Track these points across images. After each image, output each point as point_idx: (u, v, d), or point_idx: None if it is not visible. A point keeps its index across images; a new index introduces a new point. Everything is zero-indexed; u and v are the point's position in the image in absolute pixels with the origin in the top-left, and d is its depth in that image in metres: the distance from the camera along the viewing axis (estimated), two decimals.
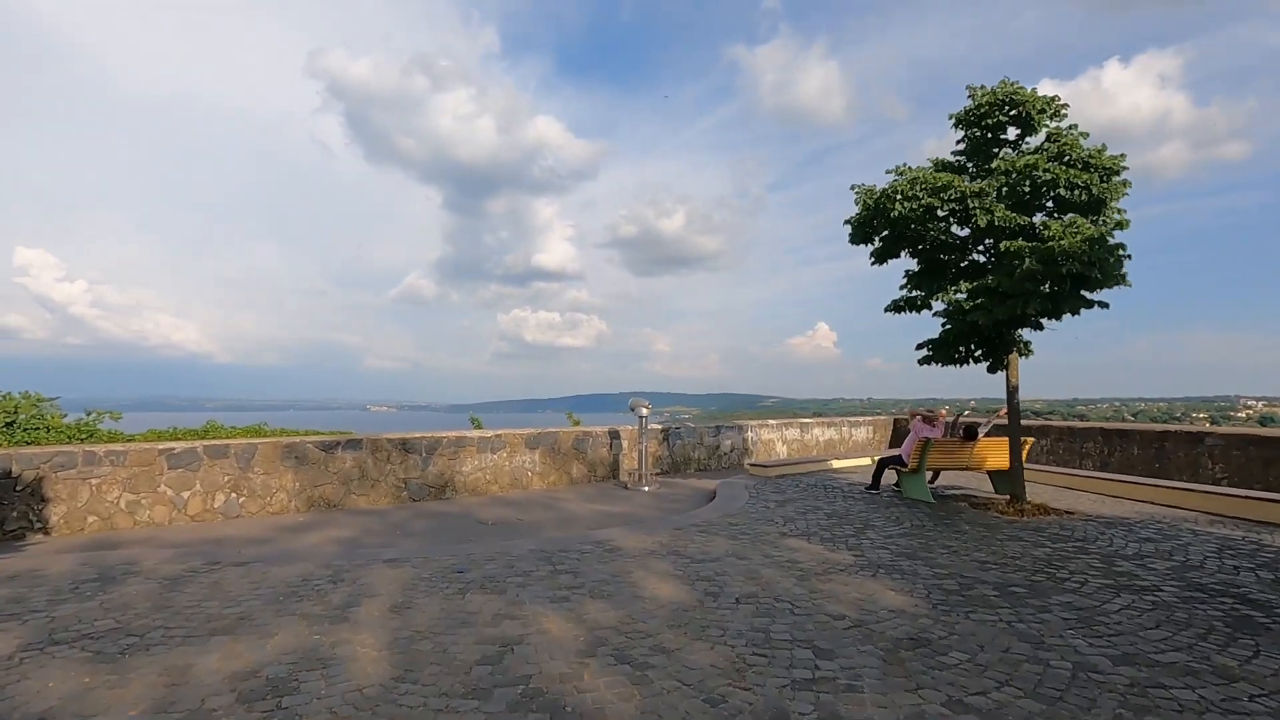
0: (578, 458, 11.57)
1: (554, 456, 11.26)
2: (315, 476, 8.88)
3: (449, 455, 10.04)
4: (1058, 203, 7.64)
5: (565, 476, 11.39)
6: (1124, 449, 11.94)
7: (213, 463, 8.22)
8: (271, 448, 8.62)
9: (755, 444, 14.57)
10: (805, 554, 6.09)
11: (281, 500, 8.64)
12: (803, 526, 7.28)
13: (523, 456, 10.88)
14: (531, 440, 10.99)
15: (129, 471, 7.74)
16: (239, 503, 8.35)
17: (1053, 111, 7.79)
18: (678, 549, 6.21)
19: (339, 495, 9.04)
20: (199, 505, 8.11)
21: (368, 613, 4.39)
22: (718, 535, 6.81)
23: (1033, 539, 6.78)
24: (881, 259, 8.75)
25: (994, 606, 4.66)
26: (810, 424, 15.88)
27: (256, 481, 8.48)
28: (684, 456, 13.26)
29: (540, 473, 11.08)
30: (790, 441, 15.32)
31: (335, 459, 9.04)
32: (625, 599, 4.73)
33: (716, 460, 13.76)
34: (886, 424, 17.87)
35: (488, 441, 10.48)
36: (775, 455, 14.93)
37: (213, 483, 8.21)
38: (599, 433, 11.93)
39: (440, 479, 9.92)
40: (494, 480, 10.51)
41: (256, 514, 8.44)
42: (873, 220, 8.34)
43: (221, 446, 8.31)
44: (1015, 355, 8.30)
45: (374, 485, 9.33)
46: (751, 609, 4.55)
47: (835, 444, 16.40)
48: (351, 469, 9.15)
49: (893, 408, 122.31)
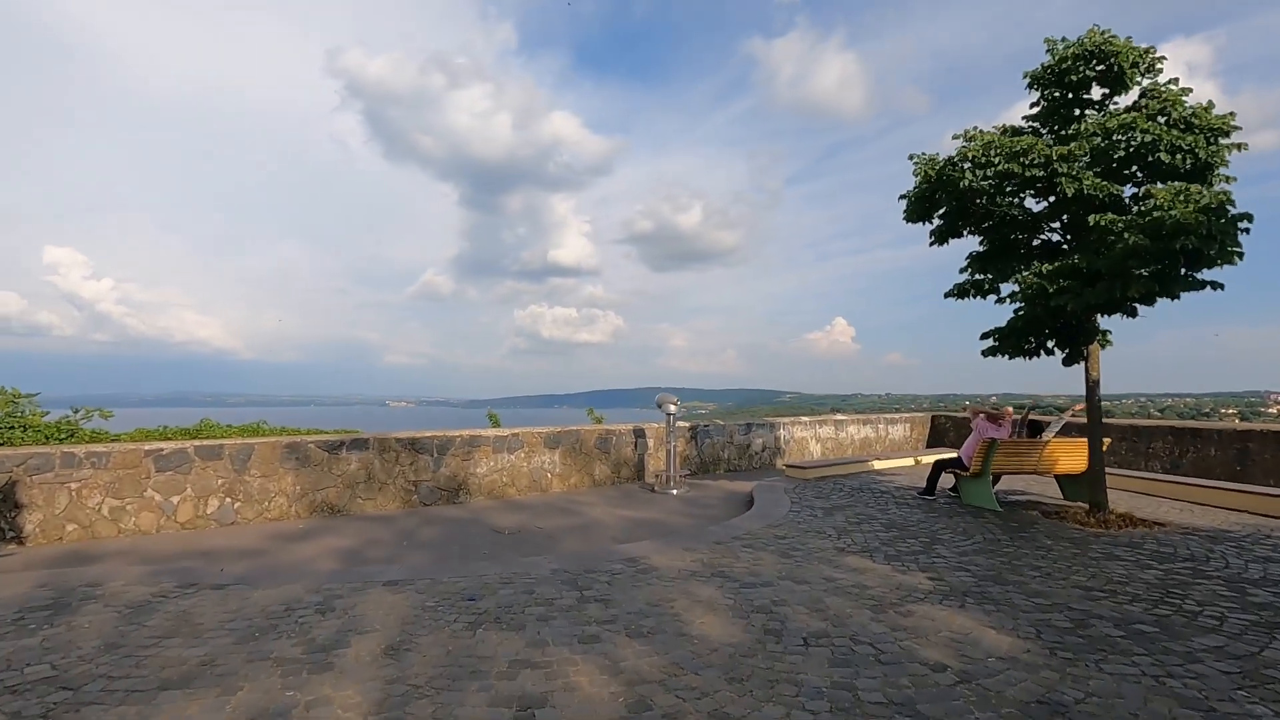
0: (601, 458, 10.77)
1: (575, 457, 10.46)
2: (318, 479, 8.15)
3: (462, 456, 9.28)
4: (1151, 170, 6.65)
5: (587, 478, 10.59)
6: (1198, 450, 10.88)
7: (205, 465, 7.52)
8: (270, 448, 7.90)
9: (788, 443, 13.67)
10: (873, 576, 5.21)
11: (281, 505, 7.92)
12: (860, 540, 6.40)
13: (542, 457, 10.10)
14: (551, 439, 10.20)
15: (112, 475, 7.05)
16: (234, 508, 7.64)
17: (1147, 65, 6.79)
18: (722, 569, 5.36)
19: (343, 499, 8.31)
20: (190, 511, 7.41)
21: (356, 656, 3.60)
22: (765, 551, 5.96)
23: (1132, 557, 5.84)
24: (942, 239, 7.81)
25: (1126, 652, 3.76)
26: (845, 421, 14.94)
27: (254, 485, 7.77)
28: (713, 456, 12.40)
29: (561, 474, 10.29)
30: (824, 440, 14.39)
31: (339, 460, 8.31)
32: (669, 638, 3.89)
33: (747, 460, 12.89)
34: (924, 421, 16.86)
35: (504, 441, 9.71)
36: (809, 455, 14.03)
37: (205, 487, 7.50)
38: (623, 431, 11.11)
39: (453, 481, 9.16)
40: (511, 482, 9.74)
41: (253, 520, 7.73)
42: (934, 194, 7.40)
43: (215, 447, 7.60)
44: (1096, 346, 7.33)
45: (381, 488, 8.59)
46: (826, 654, 3.69)
47: (871, 443, 15.44)
48: (357, 471, 8.42)
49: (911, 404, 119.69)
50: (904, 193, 7.86)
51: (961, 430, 16.02)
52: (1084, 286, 6.47)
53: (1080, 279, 6.53)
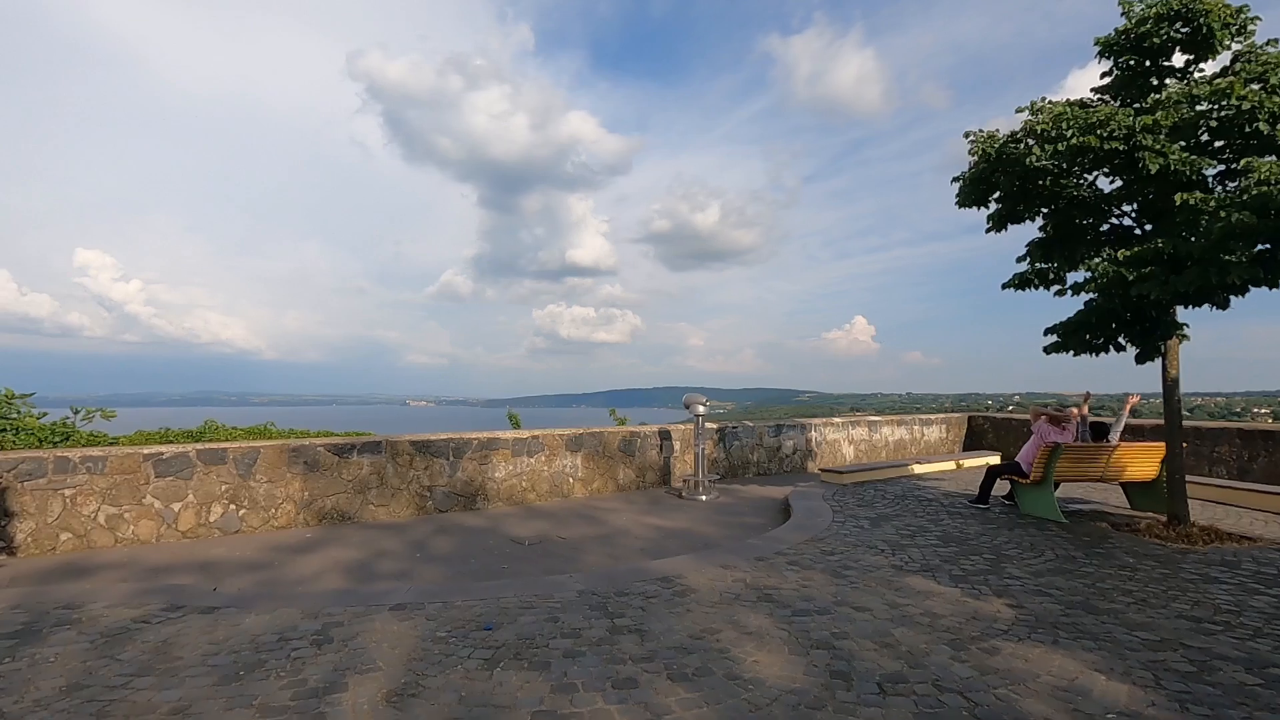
0: (625, 461, 10.21)
1: (598, 460, 9.92)
2: (327, 485, 7.69)
3: (479, 459, 8.77)
4: (1244, 142, 5.93)
5: (611, 482, 10.04)
6: (1270, 454, 10.06)
7: (208, 469, 7.08)
8: (276, 452, 7.45)
9: (820, 445, 13.02)
10: (941, 601, 4.59)
11: (288, 512, 7.46)
12: (918, 557, 5.76)
13: (563, 460, 9.56)
14: (573, 441, 9.67)
15: (109, 481, 6.62)
16: (238, 516, 7.19)
17: (1239, 26, 6.07)
18: (769, 590, 4.77)
19: (354, 506, 7.83)
20: (191, 519, 6.97)
21: (354, 704, 3.07)
22: (814, 569, 5.35)
23: (1232, 579, 5.14)
24: (1000, 224, 7.13)
25: (1273, 707, 3.12)
26: (879, 422, 14.24)
27: (259, 491, 7.32)
28: (742, 459, 11.79)
29: (583, 478, 9.75)
30: (857, 442, 13.71)
31: (350, 464, 7.83)
32: (718, 682, 3.31)
33: (778, 463, 12.26)
34: (960, 422, 16.10)
35: (523, 443, 9.19)
36: (841, 457, 13.36)
37: (208, 493, 7.06)
38: (648, 433, 10.55)
39: (469, 486, 8.66)
40: (531, 487, 9.21)
41: (259, 529, 7.27)
42: (993, 174, 6.74)
43: (218, 451, 7.16)
44: (1175, 341, 6.61)
45: (394, 494, 8.10)
46: (908, 706, 3.09)
47: (906, 445, 14.72)
48: (369, 475, 7.94)
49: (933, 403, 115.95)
50: (958, 175, 7.20)
51: (1001, 431, 15.24)
52: (1169, 274, 5.78)
53: (1164, 265, 5.84)
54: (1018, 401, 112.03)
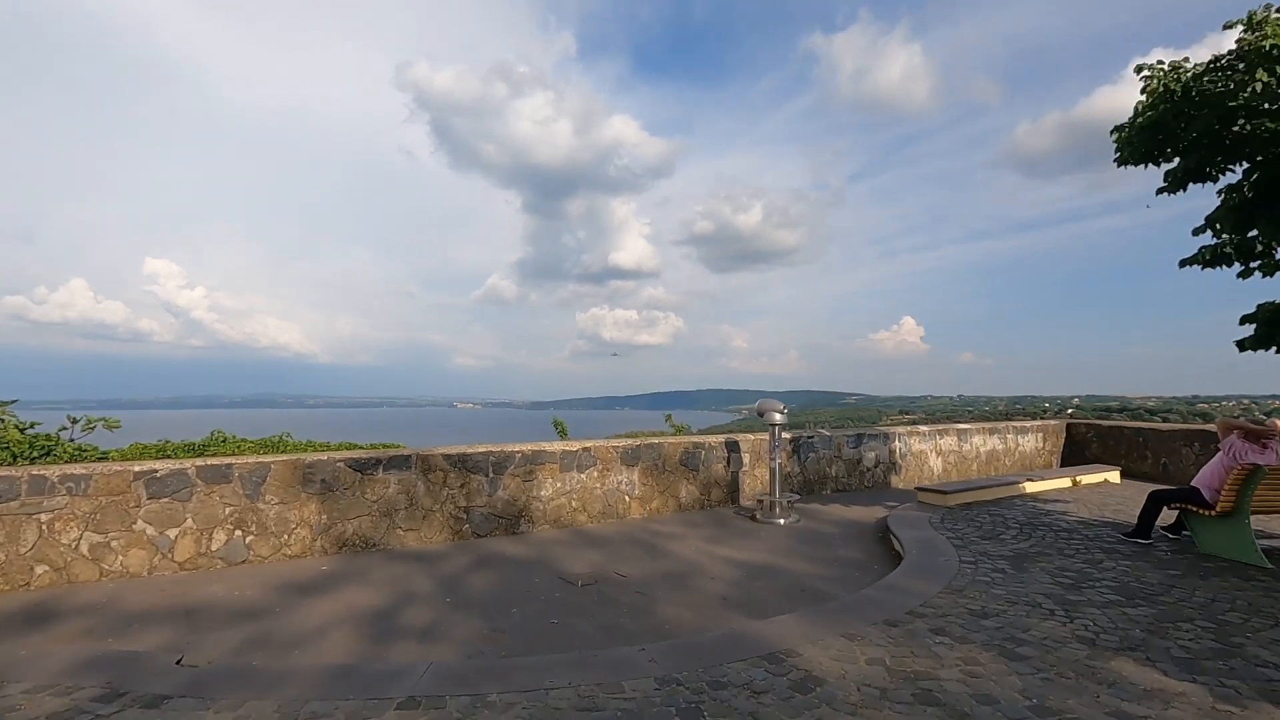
0: (687, 476, 8.91)
1: (657, 475, 8.64)
2: (348, 506, 6.60)
3: (522, 475, 7.59)
4: None
5: (672, 501, 8.75)
6: None
7: (210, 489, 6.06)
8: (289, 468, 6.39)
9: (904, 457, 11.46)
10: (1189, 712, 3.13)
11: (302, 539, 6.40)
12: (1105, 623, 4.27)
13: (618, 475, 8.32)
14: (629, 454, 8.41)
15: (93, 503, 5.65)
16: (245, 543, 6.16)
17: None
18: (926, 683, 3.39)
19: (379, 531, 6.73)
20: (190, 548, 5.95)
21: None
22: (973, 642, 3.93)
23: None
24: (1181, 184, 5.57)
25: None
26: (969, 431, 12.57)
27: (269, 514, 6.27)
28: (818, 474, 10.35)
29: (640, 496, 8.48)
30: (946, 453, 12.09)
31: (374, 482, 6.74)
32: None
33: (858, 478, 10.77)
34: (1058, 430, 14.26)
35: (573, 456, 7.97)
36: (929, 471, 11.77)
37: (209, 517, 6.04)
38: (713, 444, 9.22)
39: (512, 506, 7.48)
40: (581, 507, 7.99)
41: (269, 558, 6.23)
42: (1176, 119, 5.20)
43: (221, 468, 6.14)
44: None
45: (425, 517, 6.98)
46: None
47: (999, 456, 13.01)
48: (396, 495, 6.83)
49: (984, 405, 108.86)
50: (1119, 125, 5.68)
51: (1108, 442, 13.37)
52: None
53: None
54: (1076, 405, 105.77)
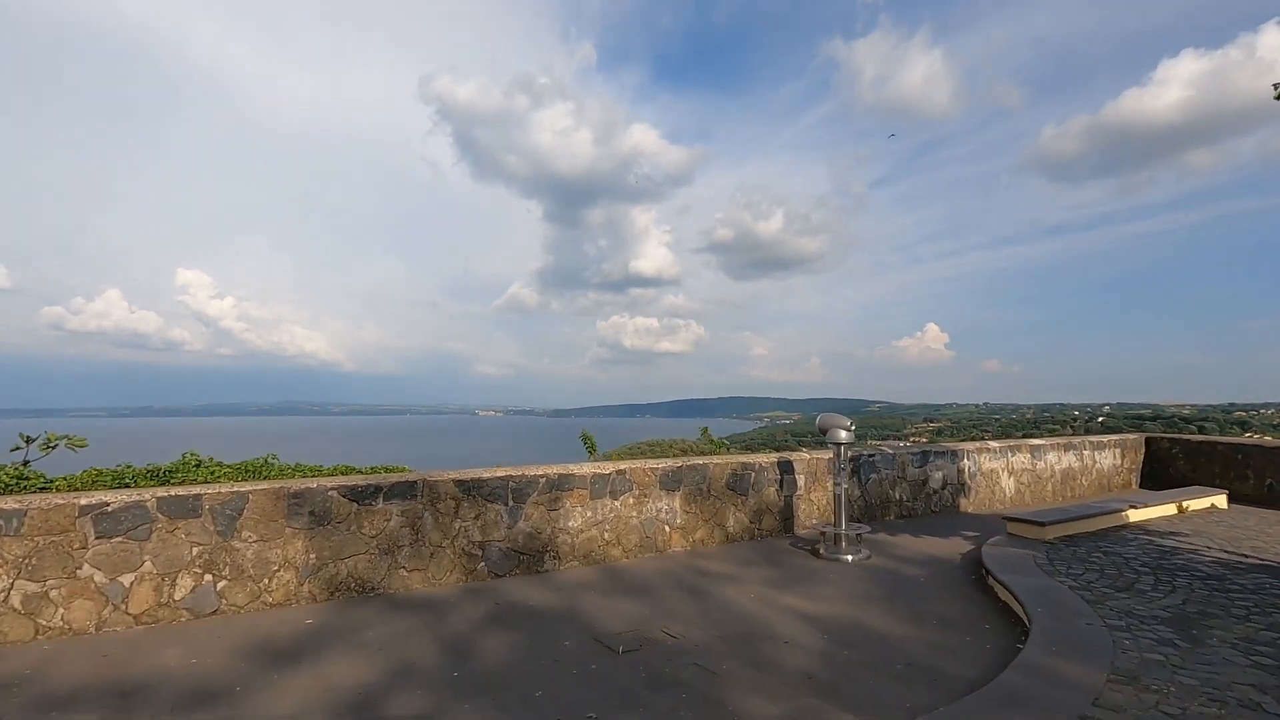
0: (735, 502, 7.74)
1: (702, 501, 7.48)
2: (341, 543, 5.54)
3: (547, 503, 6.49)
4: None
5: (718, 531, 7.58)
6: None
7: (173, 526, 5.03)
8: (271, 498, 5.35)
9: (974, 477, 10.15)
10: None
11: (286, 583, 5.34)
12: None
13: (657, 502, 7.17)
14: (669, 477, 7.27)
15: (26, 545, 4.64)
16: (216, 590, 5.11)
17: None
18: None
19: (377, 572, 5.66)
20: (148, 597, 4.92)
21: None
22: None
23: None
24: None
25: None
26: (1043, 447, 11.21)
27: (246, 554, 5.23)
28: (881, 497, 9.11)
29: (682, 526, 7.33)
30: (1018, 472, 10.76)
31: (373, 514, 5.67)
32: None
33: (924, 501, 9.50)
34: (1137, 445, 12.82)
35: (605, 481, 6.85)
36: (1001, 493, 10.45)
37: (173, 559, 5.01)
38: (764, 465, 8.04)
39: (534, 540, 6.38)
40: (615, 539, 6.86)
41: (245, 607, 5.18)
42: None
43: (188, 499, 5.10)
44: None
45: (433, 554, 5.89)
46: None
47: (1075, 475, 11.62)
48: (399, 529, 5.77)
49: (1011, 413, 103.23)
50: None
51: (1196, 459, 11.89)
52: None
53: None
54: (1107, 412, 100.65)
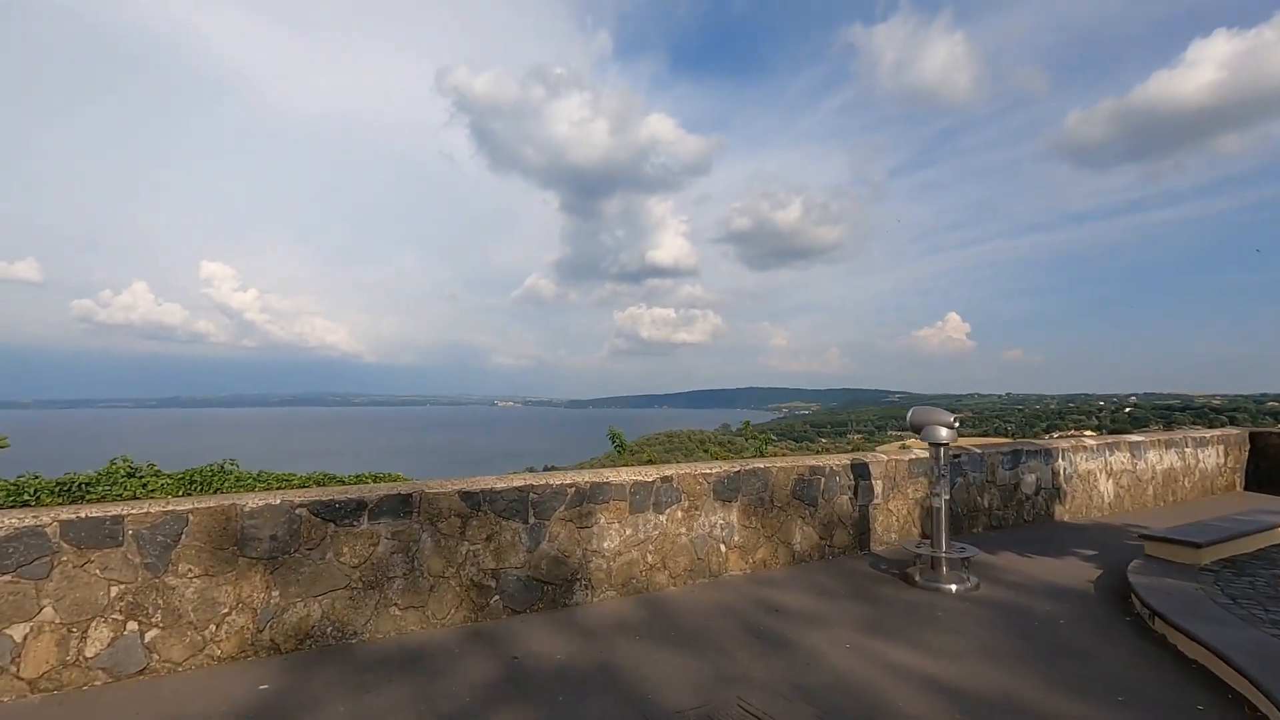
0: (802, 514, 6.37)
1: (763, 514, 6.12)
2: (312, 576, 4.25)
3: (576, 519, 5.16)
4: None
5: (783, 549, 6.22)
6: None
7: (84, 558, 3.77)
8: (217, 519, 4.06)
9: (1069, 479, 8.68)
10: None
11: (241, 630, 4.07)
12: None
13: (710, 516, 5.83)
14: (724, 485, 5.91)
15: None
16: (144, 642, 3.85)
17: None
18: None
19: (362, 611, 4.37)
20: (48, 655, 3.67)
21: None
22: None
23: None
24: None
25: None
26: (1142, 445, 9.68)
27: (185, 594, 3.96)
28: (968, 505, 7.68)
29: (741, 545, 5.97)
30: (1117, 474, 9.26)
31: (355, 537, 4.38)
32: None
33: (1015, 509, 8.06)
34: (1241, 442, 11.25)
35: (647, 491, 5.51)
36: (1100, 497, 8.97)
37: (83, 602, 3.75)
38: (836, 469, 6.65)
39: (561, 566, 5.06)
40: (660, 563, 5.53)
41: (185, 665, 3.92)
42: None
43: (104, 522, 3.83)
44: None
45: (434, 587, 4.59)
46: None
47: (1178, 476, 10.09)
48: (389, 555, 4.47)
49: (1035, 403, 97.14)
50: None
51: None
52: None
53: None
54: (1134, 403, 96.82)
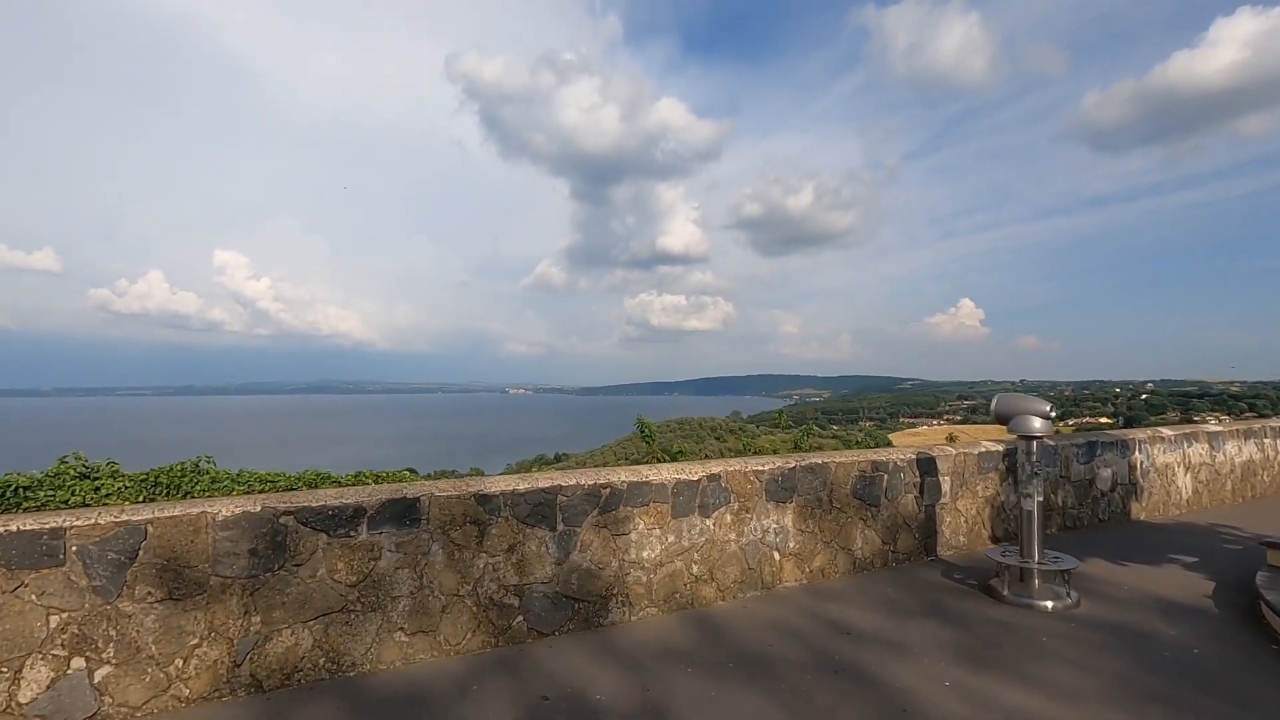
0: (863, 514, 5.58)
1: (821, 515, 5.34)
2: (301, 598, 3.52)
3: (612, 525, 4.41)
4: None
5: (843, 557, 5.44)
6: None
7: (15, 581, 3.04)
8: (183, 531, 3.33)
9: (1146, 474, 7.83)
10: None
11: (214, 664, 3.35)
12: None
13: (763, 519, 5.05)
14: (778, 484, 5.13)
15: None
16: (94, 682, 3.14)
17: None
18: None
19: (361, 639, 3.64)
20: None
21: None
22: None
23: None
24: None
25: None
26: (1220, 435, 8.80)
27: (144, 623, 3.24)
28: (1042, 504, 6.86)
29: (798, 552, 5.20)
30: (1195, 467, 8.39)
31: (353, 549, 3.65)
32: None
33: (1090, 508, 7.23)
34: None
35: (692, 491, 4.74)
36: (1178, 493, 8.12)
37: (14, 636, 3.04)
38: (900, 464, 5.85)
39: (594, 579, 4.31)
40: (708, 574, 4.77)
41: (146, 709, 3.21)
42: None
43: (39, 537, 3.11)
44: None
45: (446, 608, 3.85)
46: None
47: (1257, 469, 9.20)
48: (393, 571, 3.73)
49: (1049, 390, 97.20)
50: None
51: None
52: None
53: None
54: (1151, 390, 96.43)
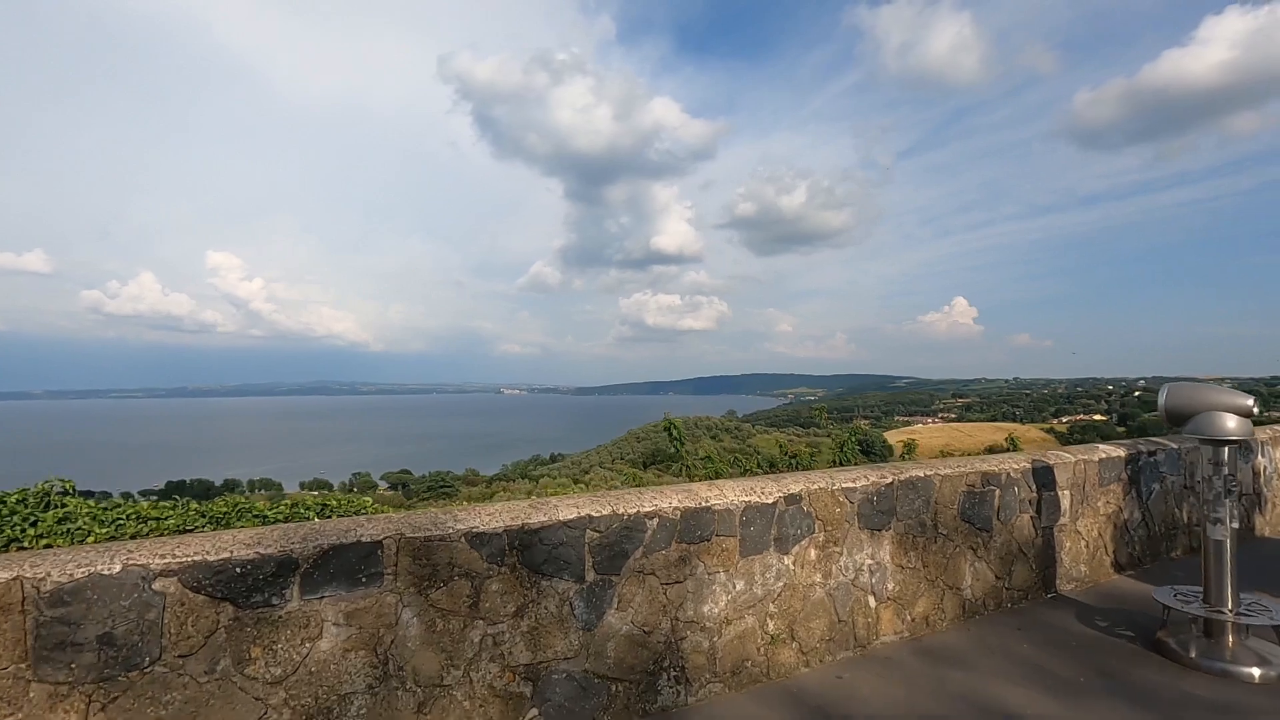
0: (971, 542, 4.30)
1: (923, 545, 4.05)
2: (195, 709, 2.21)
3: (662, 571, 3.10)
4: None
5: (950, 599, 4.16)
6: None
7: None
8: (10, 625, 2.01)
9: (1270, 481, 6.61)
10: None
11: None
12: None
13: (855, 552, 3.76)
14: (871, 505, 3.84)
15: None
16: None
17: None
18: None
19: None
20: None
21: None
22: None
23: None
24: None
25: None
26: None
27: None
28: (1165, 520, 5.61)
29: (896, 595, 3.91)
30: None
31: (276, 627, 2.33)
32: None
33: None
34: None
35: (765, 518, 3.44)
36: None
37: None
38: (1013, 474, 4.57)
39: (640, 648, 3.01)
40: (787, 630, 3.47)
41: None
42: None
43: None
44: None
45: (426, 703, 2.55)
46: None
47: None
48: (339, 655, 2.42)
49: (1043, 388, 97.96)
50: None
51: None
52: None
53: None
54: (1144, 386, 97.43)
